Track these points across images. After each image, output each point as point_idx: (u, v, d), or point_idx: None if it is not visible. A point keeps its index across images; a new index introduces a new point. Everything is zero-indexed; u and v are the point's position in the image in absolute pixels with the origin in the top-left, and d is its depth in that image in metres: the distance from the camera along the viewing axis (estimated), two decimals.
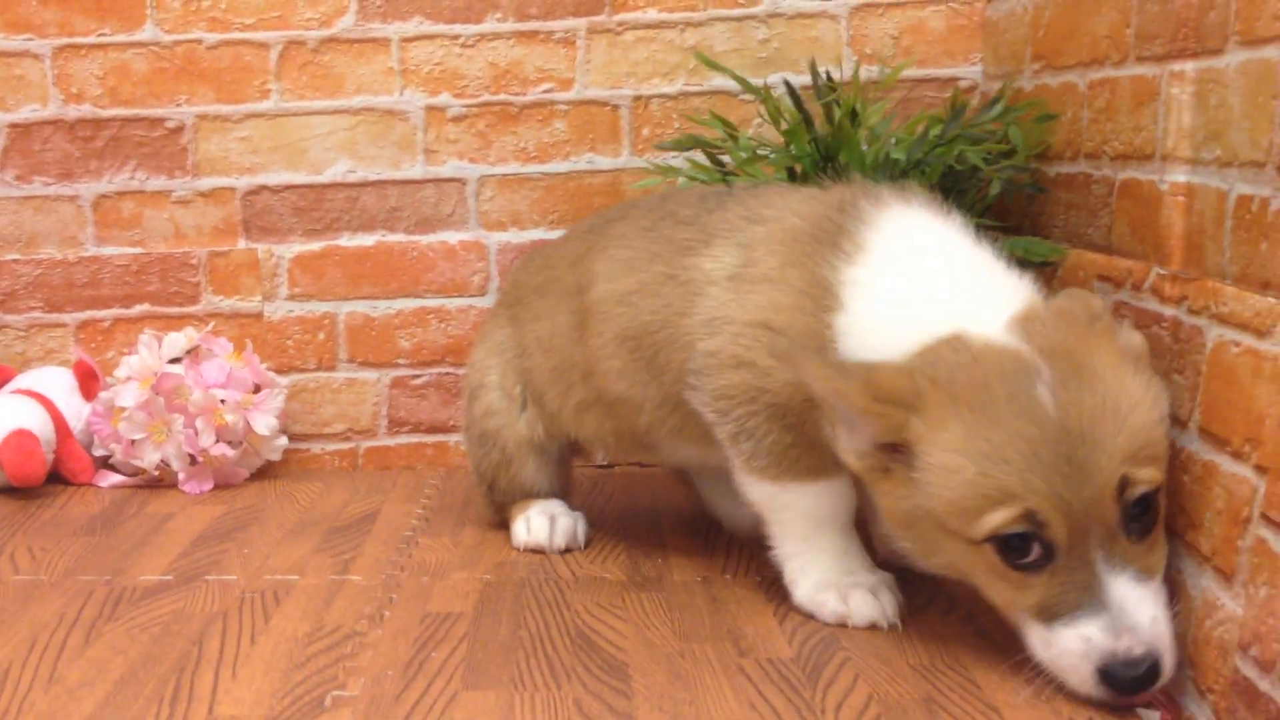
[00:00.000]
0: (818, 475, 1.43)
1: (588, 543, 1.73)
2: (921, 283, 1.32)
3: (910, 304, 1.31)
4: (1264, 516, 1.10)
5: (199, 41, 2.10)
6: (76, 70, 2.10)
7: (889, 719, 1.20)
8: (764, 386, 1.41)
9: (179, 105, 2.11)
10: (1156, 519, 1.21)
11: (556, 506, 1.73)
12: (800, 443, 1.42)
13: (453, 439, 2.17)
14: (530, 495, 1.74)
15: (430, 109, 2.11)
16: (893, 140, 1.74)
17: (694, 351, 1.47)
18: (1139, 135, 1.42)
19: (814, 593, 1.45)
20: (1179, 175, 1.33)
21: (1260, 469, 1.11)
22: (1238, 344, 1.17)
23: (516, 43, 2.09)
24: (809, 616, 1.45)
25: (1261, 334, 1.13)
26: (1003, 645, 1.33)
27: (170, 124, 2.12)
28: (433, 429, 2.17)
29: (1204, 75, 1.29)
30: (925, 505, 1.24)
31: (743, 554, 1.67)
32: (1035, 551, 1.19)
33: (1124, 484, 1.17)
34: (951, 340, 1.26)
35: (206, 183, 2.13)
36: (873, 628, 1.41)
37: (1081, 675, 1.18)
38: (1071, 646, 1.18)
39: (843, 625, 1.42)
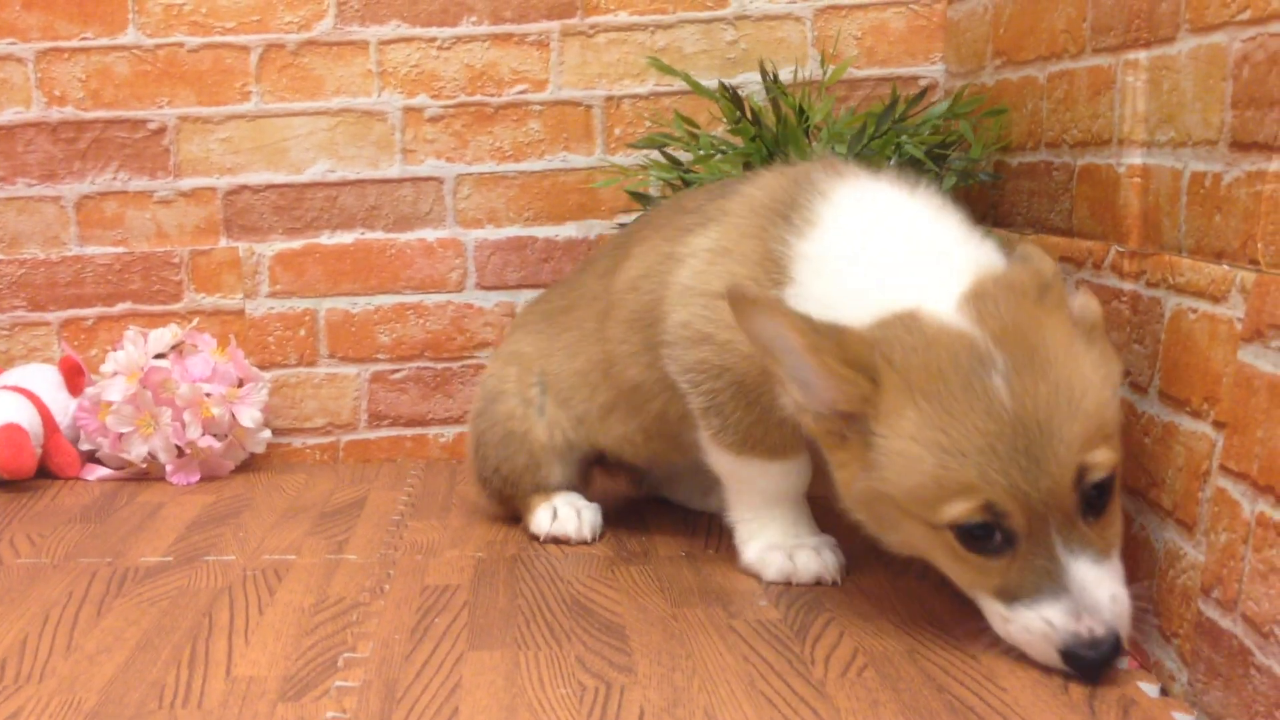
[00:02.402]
0: (777, 455, 1.51)
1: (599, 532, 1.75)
2: (872, 257, 1.33)
3: (861, 279, 1.32)
4: (1222, 467, 1.18)
5: (180, 45, 2.15)
6: (59, 73, 2.14)
7: (876, 669, 1.27)
8: (725, 365, 1.46)
9: (161, 107, 2.16)
10: (1112, 497, 1.23)
11: (578, 499, 1.75)
12: (763, 421, 1.48)
13: (431, 431, 2.22)
14: (551, 491, 1.76)
15: (408, 110, 2.17)
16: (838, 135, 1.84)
17: (667, 323, 1.51)
18: (1096, 122, 1.51)
19: (762, 553, 1.54)
20: (1135, 158, 1.42)
21: (1218, 424, 1.20)
22: (1194, 310, 1.26)
23: (491, 45, 2.16)
24: (755, 577, 1.55)
25: (1217, 299, 1.21)
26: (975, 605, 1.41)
27: (152, 125, 2.16)
28: (412, 422, 2.23)
29: (1157, 63, 1.38)
30: (882, 488, 1.25)
31: (724, 531, 1.74)
32: (996, 539, 1.21)
33: (1081, 472, 1.19)
34: (905, 318, 1.25)
35: (188, 183, 2.18)
36: (817, 583, 1.50)
37: (1045, 654, 1.21)
38: (1034, 627, 1.20)
39: (788, 583, 1.51)
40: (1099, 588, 1.18)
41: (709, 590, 1.51)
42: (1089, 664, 1.19)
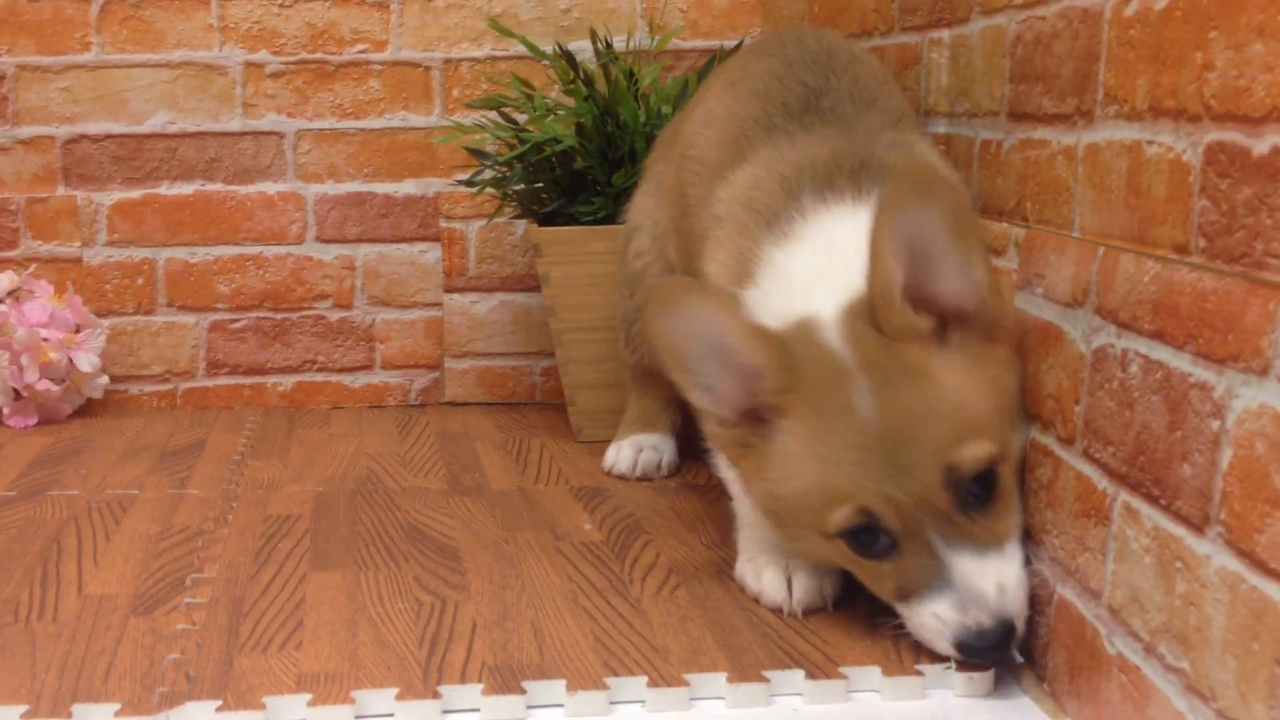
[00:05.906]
0: None
1: (670, 470, 1.83)
2: (805, 270, 1.31)
3: (790, 287, 1.31)
4: None
5: None
6: None
7: (687, 586, 1.40)
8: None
9: (0, 56, 2.17)
10: (997, 487, 1.20)
11: (651, 439, 1.82)
12: None
13: (270, 380, 2.28)
14: (643, 381, 1.77)
15: (249, 65, 2.22)
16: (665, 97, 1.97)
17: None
18: (905, 94, 1.65)
19: (740, 565, 1.42)
20: (939, 127, 1.56)
21: None
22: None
23: (333, 5, 2.22)
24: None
25: (999, 253, 1.36)
26: None
27: None
28: (250, 371, 2.28)
29: (956, 41, 1.52)
30: (778, 490, 1.25)
31: (553, 469, 1.85)
32: (882, 541, 1.21)
33: (950, 471, 1.18)
34: (806, 325, 1.26)
35: (26, 131, 2.20)
36: (779, 611, 1.35)
37: (943, 647, 1.21)
38: (928, 623, 1.20)
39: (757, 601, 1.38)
40: (982, 579, 1.18)
41: (538, 518, 1.62)
42: (981, 653, 1.19)
